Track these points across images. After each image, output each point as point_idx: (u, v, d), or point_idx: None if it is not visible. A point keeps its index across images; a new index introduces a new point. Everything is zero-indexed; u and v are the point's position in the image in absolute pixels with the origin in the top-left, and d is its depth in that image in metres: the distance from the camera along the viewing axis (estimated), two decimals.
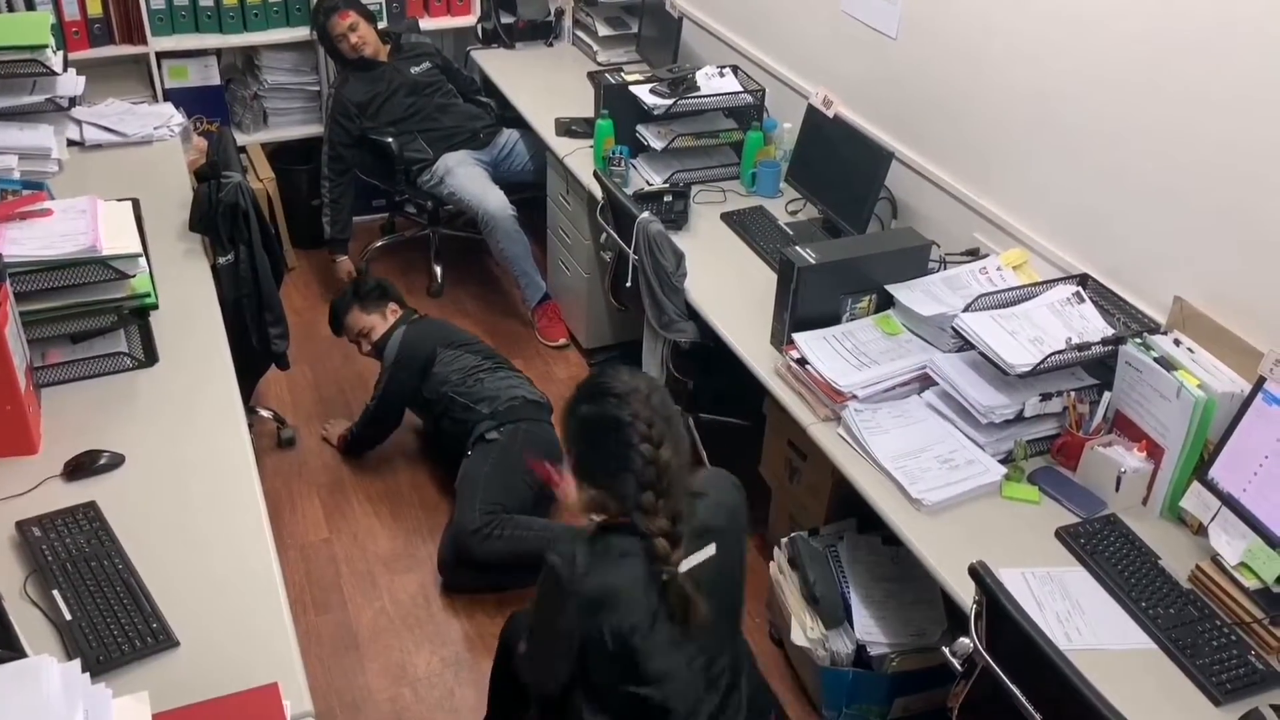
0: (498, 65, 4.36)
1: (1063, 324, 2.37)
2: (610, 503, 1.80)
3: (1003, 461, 2.30)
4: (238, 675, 1.60)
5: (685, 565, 1.77)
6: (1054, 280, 2.54)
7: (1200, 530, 2.12)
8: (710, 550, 1.83)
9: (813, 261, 2.52)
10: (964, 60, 2.83)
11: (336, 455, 3.44)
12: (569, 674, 1.85)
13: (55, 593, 1.74)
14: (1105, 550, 2.09)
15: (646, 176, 3.46)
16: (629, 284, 3.03)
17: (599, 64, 4.25)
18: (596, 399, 1.79)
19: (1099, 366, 2.35)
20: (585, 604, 1.75)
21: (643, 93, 3.48)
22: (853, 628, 2.44)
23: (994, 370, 2.30)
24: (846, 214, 3.08)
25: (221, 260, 2.76)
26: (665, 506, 1.74)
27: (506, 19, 4.46)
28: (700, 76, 3.54)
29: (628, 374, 1.81)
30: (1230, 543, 2.01)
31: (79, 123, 3.26)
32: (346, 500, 3.29)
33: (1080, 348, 2.29)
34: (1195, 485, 2.11)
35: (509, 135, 4.18)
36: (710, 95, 3.51)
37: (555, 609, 1.79)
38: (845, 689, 2.46)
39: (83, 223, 2.25)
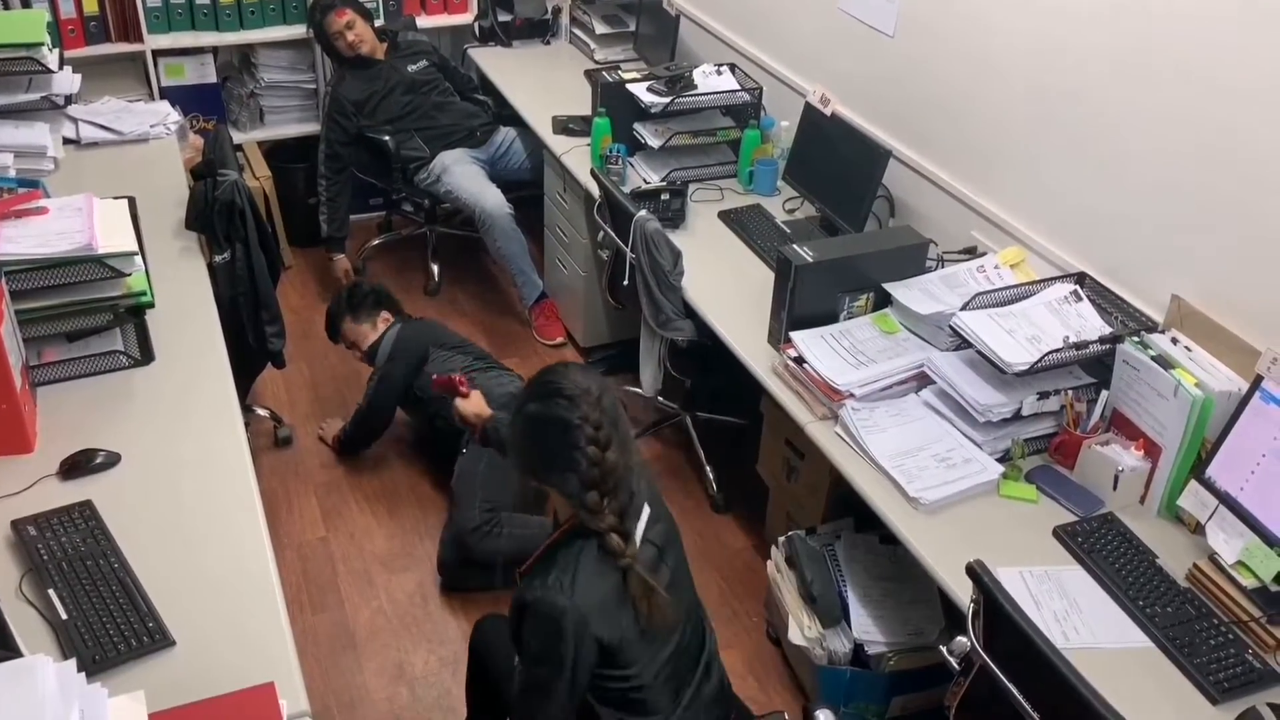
0: (495, 63, 4.35)
1: (1060, 322, 2.37)
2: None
3: (1000, 460, 2.30)
4: (234, 675, 1.60)
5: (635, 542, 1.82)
6: (1051, 279, 2.53)
7: (1198, 529, 2.11)
8: (647, 510, 1.87)
9: (810, 260, 2.52)
10: (961, 58, 2.82)
11: (333, 454, 3.43)
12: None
13: (51, 592, 1.74)
14: (1103, 549, 2.09)
15: (644, 175, 3.46)
16: (626, 282, 3.02)
17: (596, 62, 4.25)
18: (545, 399, 1.80)
19: (1096, 365, 2.35)
20: (581, 619, 1.75)
21: (640, 91, 3.48)
22: (850, 627, 2.44)
23: (991, 369, 2.30)
24: (844, 212, 3.07)
25: (218, 258, 2.75)
26: (611, 505, 1.78)
27: (504, 17, 4.45)
28: (697, 74, 3.53)
29: (579, 374, 1.83)
30: (1228, 541, 2.01)
31: (75, 120, 3.25)
32: (343, 499, 3.28)
33: (1078, 346, 2.29)
34: (1193, 484, 2.11)
35: (506, 133, 4.17)
36: (707, 93, 3.50)
37: (556, 641, 1.76)
38: (843, 688, 2.46)
39: (78, 221, 2.24)
